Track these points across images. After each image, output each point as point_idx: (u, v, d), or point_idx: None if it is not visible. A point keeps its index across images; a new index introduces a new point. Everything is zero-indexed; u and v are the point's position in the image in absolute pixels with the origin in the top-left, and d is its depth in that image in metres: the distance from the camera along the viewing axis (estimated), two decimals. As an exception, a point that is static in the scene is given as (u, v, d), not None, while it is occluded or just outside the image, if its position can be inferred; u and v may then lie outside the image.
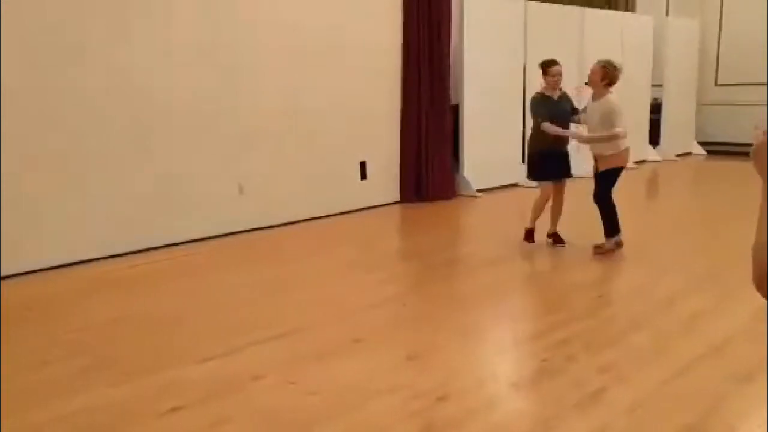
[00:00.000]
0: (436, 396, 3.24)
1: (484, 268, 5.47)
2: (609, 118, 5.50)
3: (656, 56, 11.56)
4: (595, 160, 5.71)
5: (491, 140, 8.74)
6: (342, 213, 7.43)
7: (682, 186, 10.63)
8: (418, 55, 7.99)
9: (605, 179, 5.68)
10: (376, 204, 7.84)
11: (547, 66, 5.84)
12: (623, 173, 5.80)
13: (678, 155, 12.14)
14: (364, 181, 7.77)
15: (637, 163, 11.28)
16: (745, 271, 1.23)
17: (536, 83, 6.27)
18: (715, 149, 12.23)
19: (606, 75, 5.54)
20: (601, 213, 5.67)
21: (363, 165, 7.75)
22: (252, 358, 3.70)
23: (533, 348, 3.94)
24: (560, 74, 5.81)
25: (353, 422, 3.01)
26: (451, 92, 8.35)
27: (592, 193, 5.74)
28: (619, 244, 5.69)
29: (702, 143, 12.65)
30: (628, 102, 11.06)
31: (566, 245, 5.89)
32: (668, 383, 3.39)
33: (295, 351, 3.82)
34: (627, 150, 5.70)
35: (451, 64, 8.33)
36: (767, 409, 3.01)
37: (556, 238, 5.96)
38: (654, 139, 11.91)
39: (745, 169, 1.32)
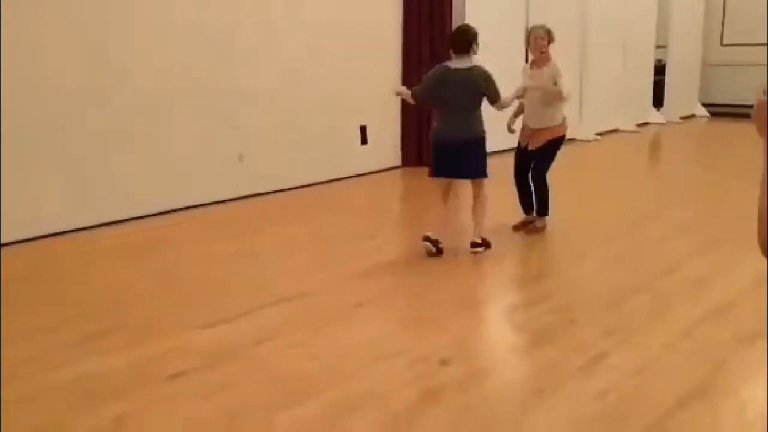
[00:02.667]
0: (438, 360, 3.25)
1: (486, 234, 5.45)
2: (560, 82, 5.16)
3: (661, 17, 11.40)
4: (531, 135, 5.27)
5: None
6: (343, 178, 7.40)
7: (686, 149, 10.56)
8: (419, 16, 7.87)
9: (551, 152, 5.27)
10: (377, 169, 7.80)
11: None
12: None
13: (682, 117, 12.04)
14: (364, 146, 7.72)
15: (640, 125, 11.22)
16: (750, 234, 1.21)
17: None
18: (719, 111, 12.11)
19: (551, 38, 5.23)
20: (542, 190, 5.29)
21: (363, 129, 7.69)
22: (254, 324, 3.71)
23: (533, 312, 3.94)
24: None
25: (356, 386, 3.02)
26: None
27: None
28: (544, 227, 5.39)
29: (706, 105, 12.54)
30: (632, 63, 11.01)
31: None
32: (672, 346, 3.40)
33: (297, 316, 3.83)
34: (565, 118, 5.37)
35: (452, 26, 8.21)
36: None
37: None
38: (658, 101, 11.80)
39: (750, 131, 1.29)
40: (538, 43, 5.24)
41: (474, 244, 4.86)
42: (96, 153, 5.53)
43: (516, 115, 5.52)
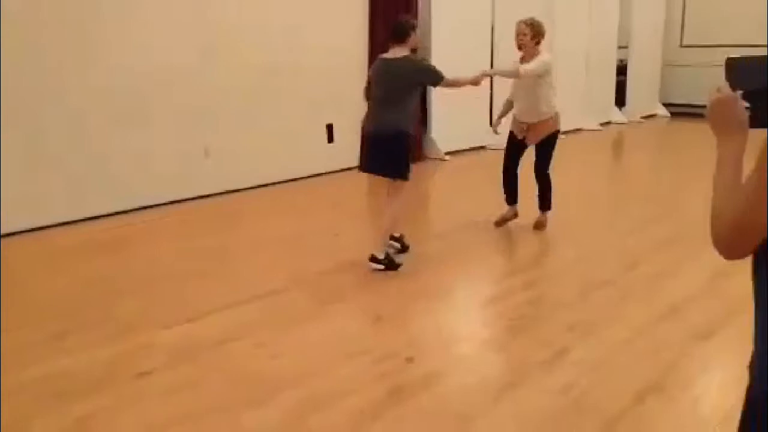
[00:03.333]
0: (404, 357, 3.27)
1: (451, 232, 5.49)
2: (546, 79, 5.17)
3: (623, 18, 11.59)
4: (528, 129, 5.30)
5: (459, 102, 8.70)
6: (310, 176, 7.38)
7: (648, 148, 10.76)
8: (384, 14, 7.89)
9: (551, 146, 5.32)
10: (344, 167, 7.79)
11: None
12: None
13: (643, 117, 12.26)
14: (331, 144, 7.71)
15: (602, 124, 11.39)
16: (705, 232, 1.25)
17: (503, 44, 6.20)
18: (679, 111, 12.37)
19: (535, 33, 5.13)
20: (547, 186, 5.38)
21: (330, 127, 7.68)
22: (220, 323, 3.70)
23: (500, 308, 3.99)
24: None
25: (322, 385, 3.03)
26: (418, 53, 8.25)
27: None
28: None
29: (666, 104, 12.79)
30: (595, 63, 11.18)
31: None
32: (631, 341, 3.47)
33: (262, 315, 3.82)
34: (558, 113, 5.35)
35: (418, 23, 8.23)
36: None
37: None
38: (620, 100, 12.00)
39: (708, 130, 1.33)
40: (518, 38, 5.20)
41: (373, 259, 4.41)
42: (65, 150, 5.46)
43: (502, 115, 5.54)
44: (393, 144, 4.41)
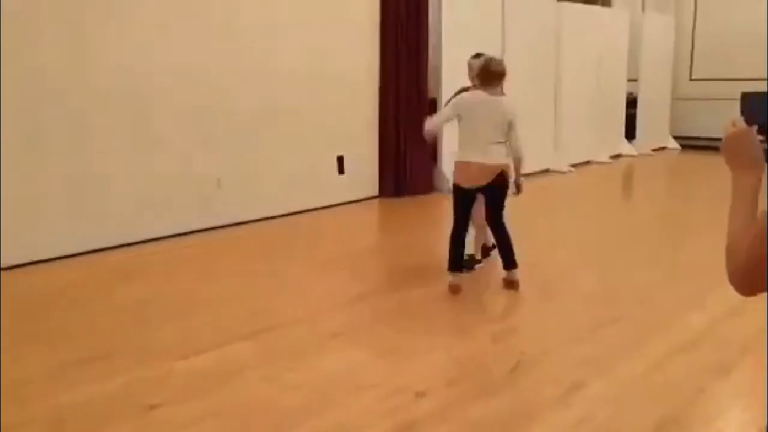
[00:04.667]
0: (414, 392, 3.24)
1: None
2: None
3: (632, 51, 11.66)
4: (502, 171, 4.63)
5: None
6: (320, 208, 7.41)
7: (658, 181, 10.74)
8: (396, 49, 7.98)
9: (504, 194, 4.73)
10: (354, 199, 7.82)
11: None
12: None
13: (653, 149, 12.26)
14: (341, 176, 7.74)
15: (612, 157, 11.39)
16: (720, 267, 1.24)
17: (514, 76, 6.22)
18: (690, 143, 12.37)
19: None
20: (509, 238, 4.76)
21: (341, 159, 7.73)
22: (231, 355, 3.68)
23: (511, 343, 3.96)
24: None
25: (333, 418, 3.01)
26: (429, 86, 8.34)
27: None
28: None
29: (676, 137, 12.79)
30: (605, 96, 11.23)
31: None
32: (646, 376, 3.43)
33: (273, 347, 3.80)
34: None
35: (429, 59, 8.33)
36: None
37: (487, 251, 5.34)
38: (630, 133, 12.02)
39: (720, 163, 1.33)
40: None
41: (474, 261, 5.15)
42: (79, 182, 5.50)
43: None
44: None
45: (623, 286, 4.98)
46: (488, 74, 4.62)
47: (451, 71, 8.47)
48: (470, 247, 5.10)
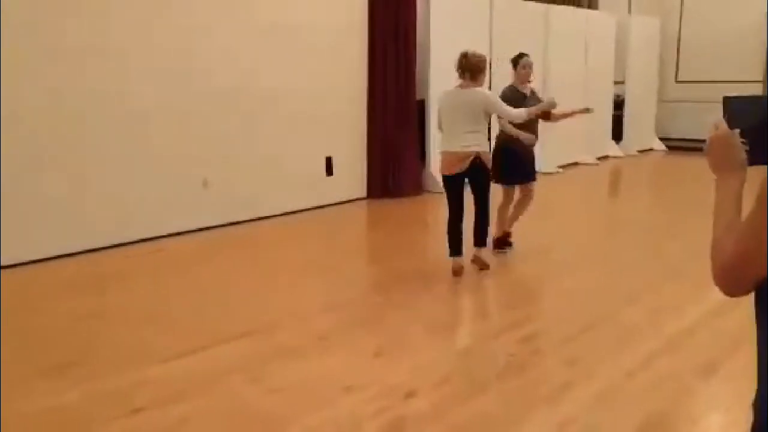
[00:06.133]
0: (403, 392, 3.24)
1: (449, 266, 5.48)
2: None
3: (618, 53, 11.73)
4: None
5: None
6: (308, 209, 7.40)
7: (644, 182, 10.80)
8: (384, 50, 7.99)
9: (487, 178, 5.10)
10: (342, 200, 7.81)
11: (516, 59, 5.60)
12: None
13: (639, 151, 12.33)
14: (330, 177, 7.74)
15: (600, 158, 11.45)
16: (705, 268, 1.25)
17: (500, 79, 6.27)
18: (675, 145, 12.46)
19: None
20: (487, 219, 5.17)
21: (329, 160, 7.72)
22: (217, 357, 3.67)
23: (499, 344, 3.97)
24: (529, 66, 5.56)
25: (320, 420, 3.00)
26: (417, 87, 8.35)
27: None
28: None
29: (662, 139, 12.89)
30: (592, 98, 11.27)
31: (511, 247, 5.67)
32: (633, 376, 3.45)
33: (259, 349, 3.79)
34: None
35: (416, 60, 8.34)
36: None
37: (501, 243, 5.64)
38: (616, 134, 12.08)
39: (704, 165, 1.34)
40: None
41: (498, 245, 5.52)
42: (62, 185, 5.47)
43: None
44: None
45: (611, 287, 5.00)
46: (466, 65, 4.98)
47: (438, 72, 8.50)
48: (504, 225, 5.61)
